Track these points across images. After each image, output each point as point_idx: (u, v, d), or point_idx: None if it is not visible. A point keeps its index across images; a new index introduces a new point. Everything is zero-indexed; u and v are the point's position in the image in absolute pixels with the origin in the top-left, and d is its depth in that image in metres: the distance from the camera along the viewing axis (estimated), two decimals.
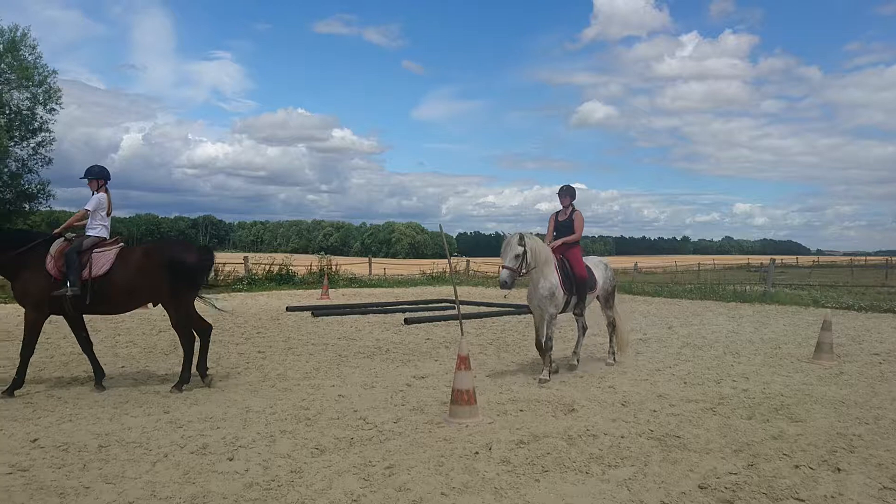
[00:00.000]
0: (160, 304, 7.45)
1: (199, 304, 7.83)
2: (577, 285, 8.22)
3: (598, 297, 8.99)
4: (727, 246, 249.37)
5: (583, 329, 9.22)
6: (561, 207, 8.69)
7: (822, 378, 8.35)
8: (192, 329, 7.44)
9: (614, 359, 9.17)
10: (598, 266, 8.97)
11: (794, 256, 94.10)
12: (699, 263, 58.53)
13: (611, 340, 9.28)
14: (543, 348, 8.07)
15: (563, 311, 8.27)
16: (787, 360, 9.70)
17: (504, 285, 7.52)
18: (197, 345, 7.50)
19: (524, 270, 7.74)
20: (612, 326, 9.24)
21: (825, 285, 26.29)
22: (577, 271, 8.25)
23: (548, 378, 7.81)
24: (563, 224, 8.55)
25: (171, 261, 7.12)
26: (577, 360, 8.96)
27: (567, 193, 8.60)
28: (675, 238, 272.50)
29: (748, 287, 22.91)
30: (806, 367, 9.15)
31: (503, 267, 7.66)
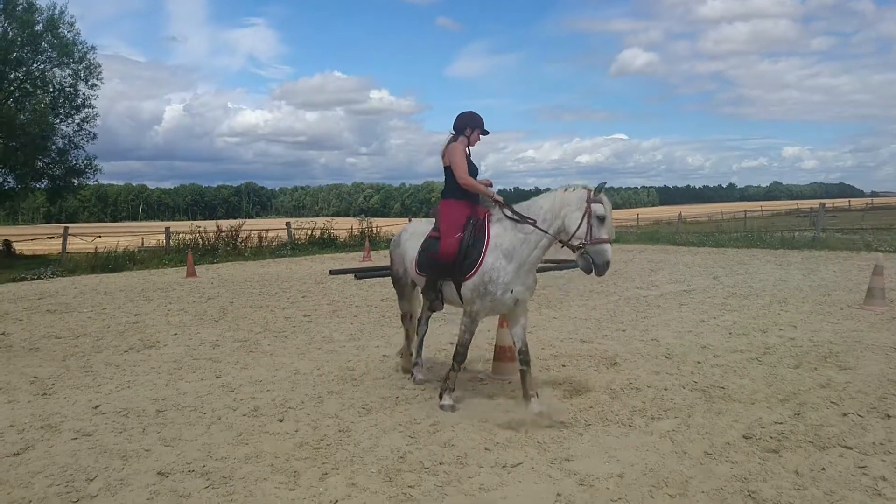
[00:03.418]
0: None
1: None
2: None
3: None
4: (776, 191, 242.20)
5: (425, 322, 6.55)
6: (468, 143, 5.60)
7: (873, 324, 8.17)
8: None
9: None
10: None
11: (847, 199, 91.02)
12: (745, 211, 57.02)
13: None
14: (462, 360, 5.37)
15: None
16: (836, 306, 9.50)
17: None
18: None
19: None
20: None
21: (878, 228, 25.46)
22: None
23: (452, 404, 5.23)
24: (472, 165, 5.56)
25: None
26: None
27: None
28: (720, 185, 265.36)
29: (797, 233, 22.36)
30: (856, 313, 8.95)
31: (606, 240, 4.82)
